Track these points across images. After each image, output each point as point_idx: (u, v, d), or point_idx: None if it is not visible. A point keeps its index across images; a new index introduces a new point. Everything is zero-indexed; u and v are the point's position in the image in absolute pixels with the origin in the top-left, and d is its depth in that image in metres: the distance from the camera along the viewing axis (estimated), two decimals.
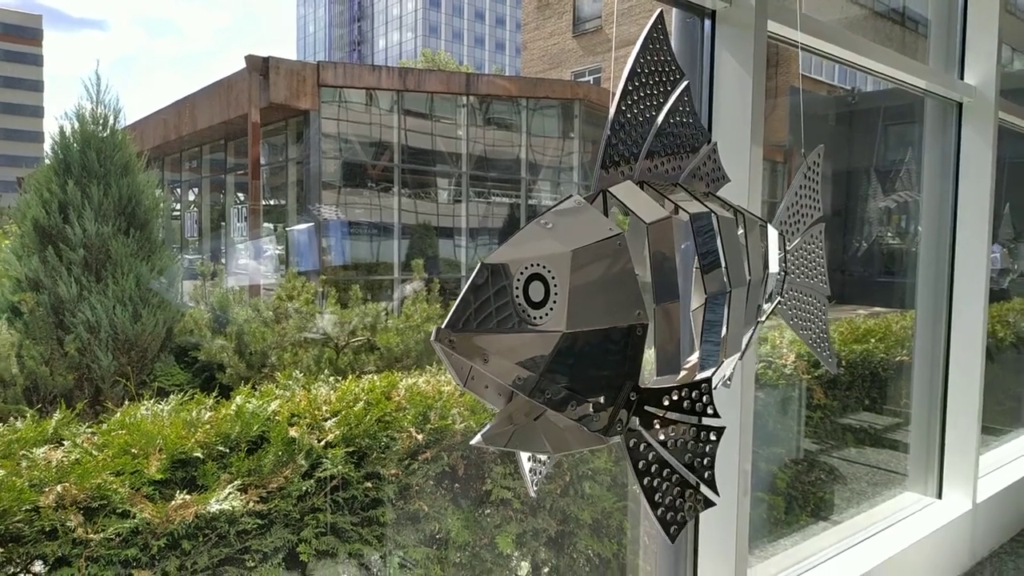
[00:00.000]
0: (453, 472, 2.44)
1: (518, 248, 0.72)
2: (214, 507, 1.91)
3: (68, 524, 1.76)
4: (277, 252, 14.21)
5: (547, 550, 2.65)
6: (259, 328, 7.26)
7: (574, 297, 0.70)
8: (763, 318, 1.08)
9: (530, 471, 0.99)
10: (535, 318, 0.70)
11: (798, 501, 3.25)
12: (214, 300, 7.36)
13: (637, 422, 0.77)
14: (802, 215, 1.26)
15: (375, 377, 2.79)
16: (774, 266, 1.10)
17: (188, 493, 1.95)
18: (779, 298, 1.20)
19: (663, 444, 0.79)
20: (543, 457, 0.99)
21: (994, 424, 3.57)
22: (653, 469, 0.79)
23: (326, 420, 2.36)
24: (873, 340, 3.87)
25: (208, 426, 2.21)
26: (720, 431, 0.82)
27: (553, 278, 0.70)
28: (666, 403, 0.79)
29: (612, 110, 0.83)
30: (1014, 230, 4.07)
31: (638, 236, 0.83)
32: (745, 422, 1.89)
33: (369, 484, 2.24)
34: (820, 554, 2.23)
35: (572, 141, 18.18)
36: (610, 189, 0.81)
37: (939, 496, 2.57)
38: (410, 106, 17.07)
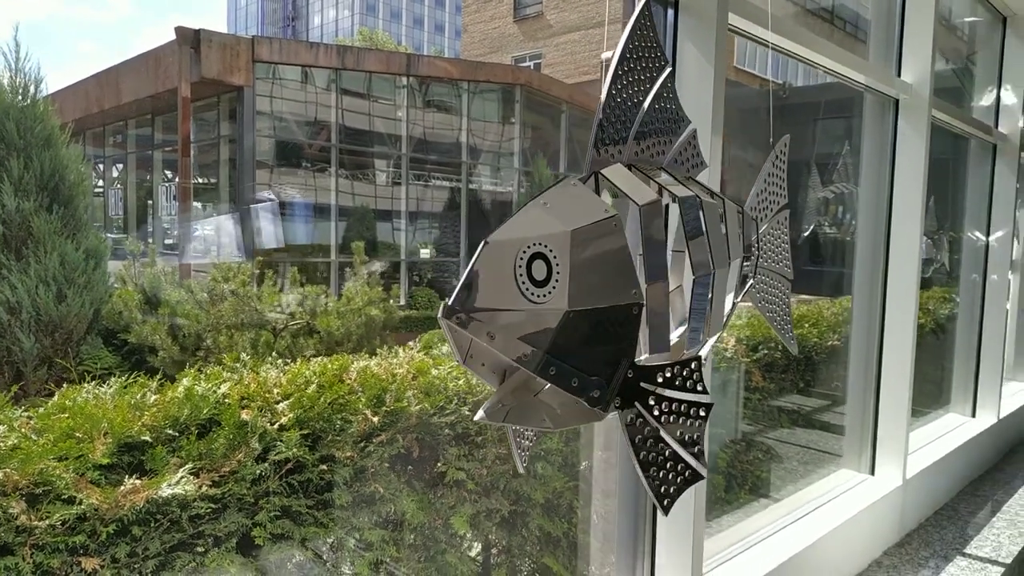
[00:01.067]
0: (408, 454, 2.44)
1: (520, 227, 0.73)
2: (166, 492, 1.87)
3: (11, 511, 1.69)
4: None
5: (500, 530, 2.69)
6: (193, 310, 7.05)
7: (575, 276, 0.72)
8: (737, 299, 1.12)
9: (519, 448, 1.01)
10: (538, 296, 0.71)
11: (737, 480, 3.38)
12: (145, 281, 7.10)
13: (633, 399, 0.80)
14: (769, 202, 1.32)
15: (326, 360, 2.76)
16: (751, 250, 1.15)
17: (138, 478, 1.90)
18: (751, 281, 1.25)
19: (658, 420, 0.82)
20: (529, 434, 1.00)
21: (917, 407, 3.78)
22: (649, 444, 0.82)
23: (278, 403, 2.32)
24: (807, 325, 4.04)
25: (155, 409, 2.15)
26: (709, 407, 0.86)
27: (555, 257, 0.71)
28: (660, 380, 0.82)
29: (604, 93, 0.85)
30: (937, 222, 4.29)
31: (629, 217, 0.86)
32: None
33: (324, 467, 2.23)
34: (763, 530, 2.32)
35: (513, 126, 18.17)
36: (602, 171, 0.82)
37: (872, 472, 2.72)
38: (348, 85, 16.73)
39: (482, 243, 0.71)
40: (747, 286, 1.22)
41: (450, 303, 0.69)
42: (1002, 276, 3.82)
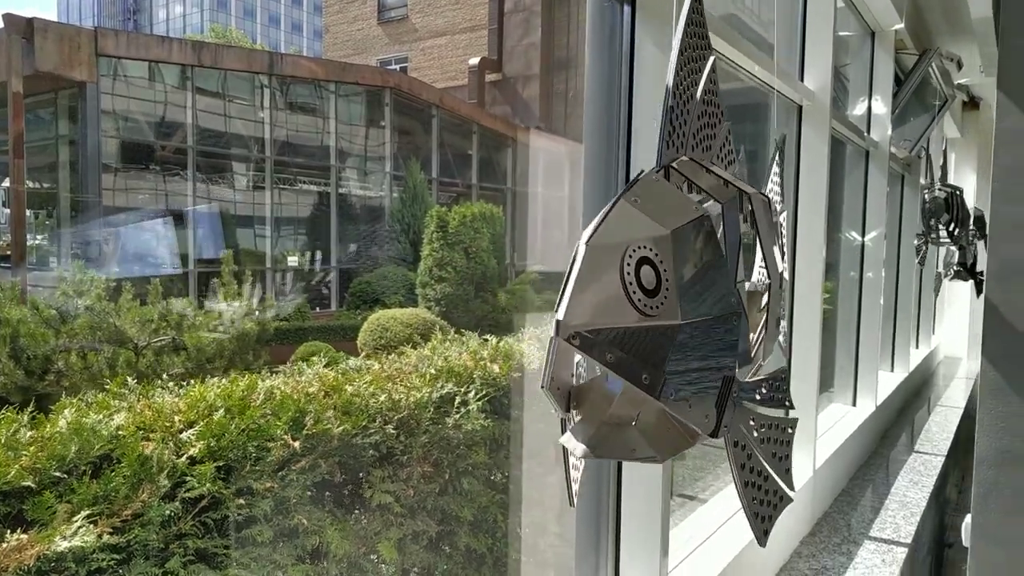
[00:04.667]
0: (331, 480, 2.25)
1: (619, 228, 0.63)
2: (61, 545, 1.59)
3: None
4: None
5: (427, 552, 2.54)
6: (39, 329, 6.30)
7: (682, 283, 0.63)
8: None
9: (573, 479, 0.90)
10: (650, 308, 0.61)
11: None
12: None
13: (738, 419, 0.72)
14: (775, 202, 1.28)
15: (228, 381, 2.50)
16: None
17: (23, 531, 1.60)
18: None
19: (756, 442, 0.74)
20: (579, 463, 0.89)
21: None
22: (752, 470, 0.74)
23: (182, 432, 2.06)
24: None
25: (34, 448, 1.84)
26: (795, 423, 0.79)
27: (661, 262, 0.62)
28: (757, 397, 0.74)
29: (670, 81, 0.76)
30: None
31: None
32: None
33: (241, 500, 1.99)
34: (699, 535, 2.32)
35: (383, 130, 17.79)
36: (674, 164, 0.74)
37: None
38: (203, 84, 15.72)
39: (580, 246, 0.60)
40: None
41: (563, 319, 0.57)
42: (877, 273, 4.12)
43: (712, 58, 0.87)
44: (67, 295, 6.33)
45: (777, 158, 1.28)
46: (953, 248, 4.94)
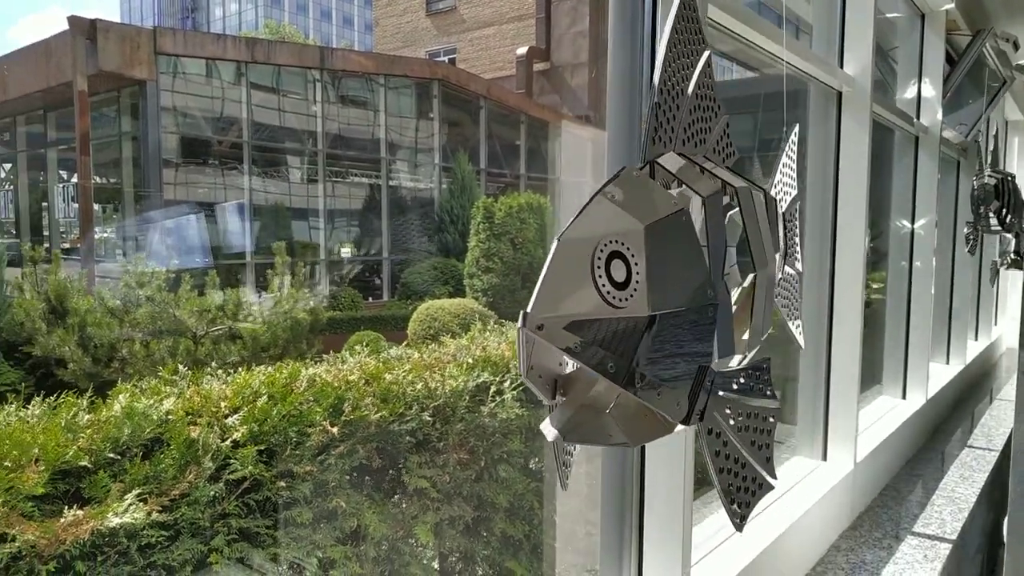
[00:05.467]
0: (368, 465, 2.33)
1: (592, 223, 0.66)
2: (114, 521, 1.69)
3: None
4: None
5: (463, 537, 2.60)
6: (104, 319, 6.60)
7: (653, 276, 0.65)
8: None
9: (564, 465, 0.93)
10: (619, 300, 0.64)
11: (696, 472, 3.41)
12: (49, 289, 6.60)
13: (713, 408, 0.74)
14: (784, 193, 1.29)
15: (272, 368, 2.60)
16: (782, 243, 1.12)
17: (79, 508, 1.71)
18: (780, 275, 1.21)
19: (733, 430, 0.77)
20: (573, 450, 0.93)
21: None
22: (728, 457, 0.77)
23: (227, 417, 2.16)
24: None
25: (91, 431, 1.96)
26: (777, 412, 0.81)
27: (632, 256, 0.64)
28: (735, 387, 0.76)
29: (657, 78, 0.78)
30: None
31: (692, 210, 0.80)
32: None
33: (282, 483, 2.08)
34: (726, 529, 2.32)
35: (431, 122, 17.95)
36: (658, 160, 0.76)
37: (824, 458, 2.78)
38: (257, 80, 16.11)
39: (555, 241, 0.63)
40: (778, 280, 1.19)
41: (530, 311, 0.61)
42: (927, 262, 4.00)
43: (707, 53, 0.88)
44: (129, 286, 6.62)
45: (788, 149, 1.28)
46: (1009, 236, 4.75)
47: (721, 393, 0.76)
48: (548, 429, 0.69)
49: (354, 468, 2.27)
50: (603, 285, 0.64)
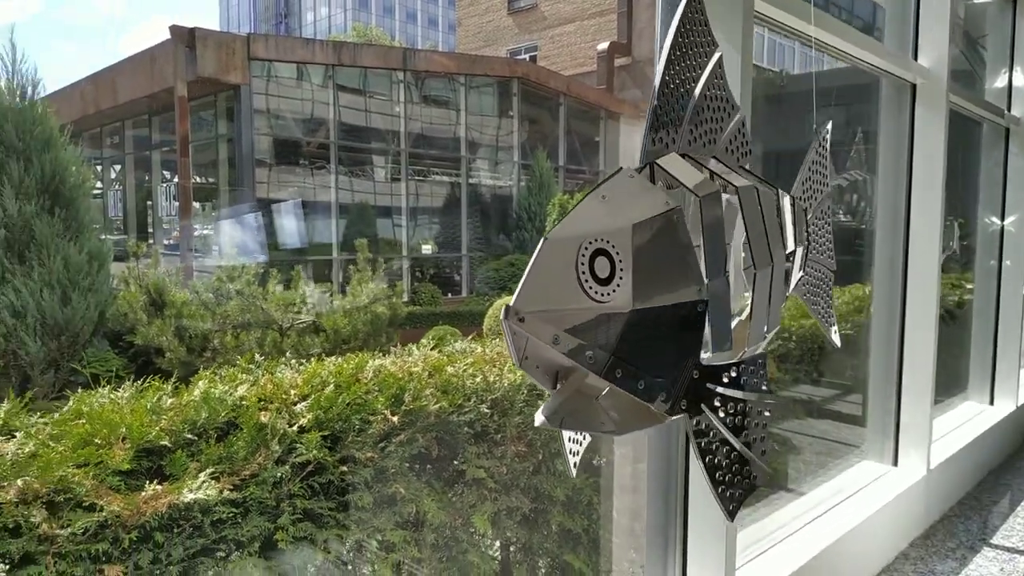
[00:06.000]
0: (427, 453, 2.41)
1: (580, 222, 0.70)
2: (188, 497, 1.84)
3: (32, 520, 1.66)
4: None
5: (521, 528, 2.66)
6: (199, 310, 7.01)
7: (639, 273, 0.68)
8: (789, 292, 1.09)
9: (570, 452, 0.98)
10: (602, 295, 0.68)
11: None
12: (149, 282, 7.06)
13: (699, 400, 0.77)
14: (814, 190, 1.28)
15: (341, 359, 2.73)
16: (802, 240, 1.12)
17: (159, 483, 1.87)
18: (801, 273, 1.21)
19: (723, 422, 0.79)
20: (580, 438, 0.97)
21: (935, 395, 3.75)
22: (715, 447, 0.79)
23: (296, 404, 2.29)
24: None
25: (172, 413, 2.12)
26: (771, 407, 0.82)
27: (618, 253, 0.68)
28: (725, 380, 0.78)
29: (657, 80, 0.81)
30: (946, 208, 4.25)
31: (688, 209, 0.82)
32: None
33: (345, 468, 2.20)
34: (790, 525, 2.29)
35: (511, 120, 18.09)
36: (658, 161, 0.79)
37: (895, 463, 2.69)
38: (344, 81, 16.64)
39: (542, 240, 0.68)
40: (798, 277, 1.19)
41: (512, 304, 0.66)
42: (1017, 261, 3.78)
43: (718, 54, 0.90)
44: (221, 280, 7.01)
45: (818, 147, 1.26)
46: None
47: (710, 386, 0.78)
48: (537, 416, 0.74)
49: (413, 456, 2.36)
50: (585, 280, 0.67)
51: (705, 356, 0.81)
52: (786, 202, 1.01)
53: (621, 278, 0.68)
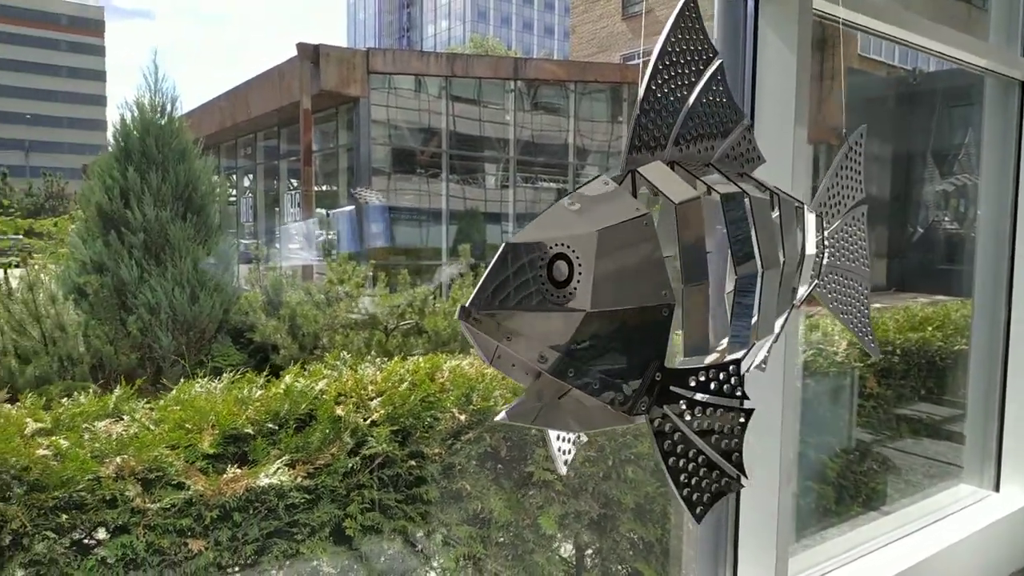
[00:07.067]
0: (495, 453, 2.47)
1: (543, 228, 0.73)
2: (264, 481, 1.98)
3: (127, 494, 1.85)
4: (327, 236, 14.45)
5: (589, 532, 2.67)
6: (311, 310, 7.43)
7: (599, 277, 0.71)
8: (798, 302, 1.06)
9: (558, 450, 1.01)
10: (558, 297, 0.71)
11: (848, 491, 3.19)
12: (268, 283, 7.55)
13: (662, 402, 0.78)
14: (843, 197, 1.24)
15: (419, 359, 2.83)
16: (811, 248, 1.09)
17: (239, 467, 2.03)
18: (816, 281, 1.18)
19: (689, 425, 0.80)
20: (571, 436, 1.00)
21: None
22: (679, 450, 0.80)
23: (371, 399, 2.41)
24: (930, 328, 3.76)
25: (258, 404, 2.29)
26: (748, 413, 0.82)
27: (577, 257, 0.71)
28: (692, 384, 0.79)
29: (641, 90, 0.83)
30: None
31: (668, 216, 0.84)
32: (788, 409, 1.87)
33: (413, 462, 2.29)
34: (869, 543, 2.19)
35: (621, 125, 17.98)
36: (639, 169, 0.81)
37: (996, 489, 2.50)
38: (458, 92, 17.13)
39: (503, 244, 0.72)
40: (811, 287, 1.16)
41: (468, 305, 0.70)
42: None
43: (719, 62, 0.90)
44: (332, 283, 7.39)
45: (851, 152, 1.22)
46: None
47: (674, 389, 0.78)
48: (500, 413, 0.77)
49: (480, 454, 2.43)
50: (541, 283, 0.70)
51: (679, 360, 0.81)
52: (787, 208, 0.99)
53: (579, 282, 0.71)
